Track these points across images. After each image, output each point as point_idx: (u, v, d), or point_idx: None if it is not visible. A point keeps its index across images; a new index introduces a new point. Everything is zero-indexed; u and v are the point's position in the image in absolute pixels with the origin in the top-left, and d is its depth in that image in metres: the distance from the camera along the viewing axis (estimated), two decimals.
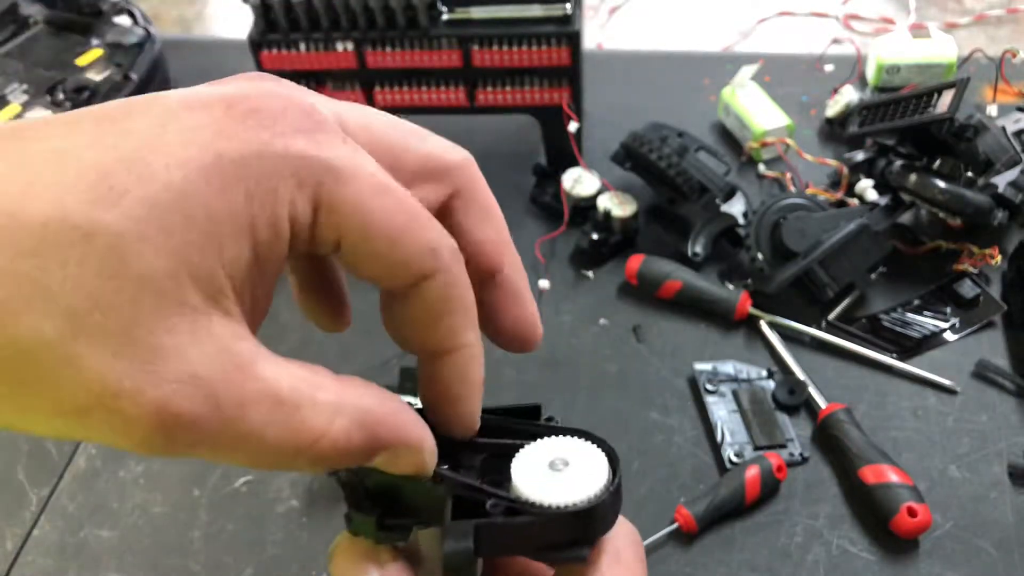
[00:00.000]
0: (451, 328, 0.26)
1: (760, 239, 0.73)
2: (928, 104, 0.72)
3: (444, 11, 0.77)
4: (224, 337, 0.21)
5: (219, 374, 0.21)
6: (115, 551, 0.63)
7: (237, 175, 0.21)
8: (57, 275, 0.19)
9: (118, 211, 0.19)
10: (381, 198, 0.24)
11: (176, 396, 0.20)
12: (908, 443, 0.65)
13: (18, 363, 0.19)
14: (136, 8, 0.95)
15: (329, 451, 0.23)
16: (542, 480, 0.25)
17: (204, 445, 0.21)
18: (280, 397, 0.22)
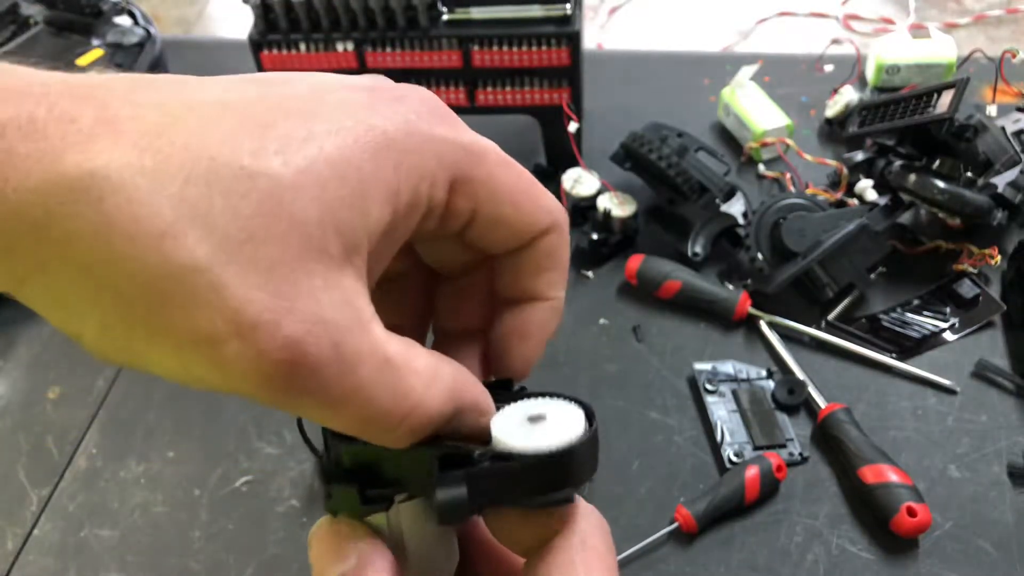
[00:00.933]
0: (551, 281, 0.29)
1: (760, 239, 0.73)
2: (928, 104, 0.72)
3: (444, 11, 0.77)
4: (352, 291, 0.22)
5: (345, 324, 0.22)
6: (115, 551, 0.63)
7: (388, 146, 0.23)
8: (219, 204, 0.20)
9: (281, 159, 0.21)
10: (506, 170, 0.26)
11: (308, 336, 0.21)
12: (908, 443, 0.65)
13: (167, 283, 0.19)
14: (136, 8, 0.95)
15: (424, 418, 0.24)
16: (522, 432, 0.26)
17: (317, 394, 0.22)
18: (389, 358, 0.23)
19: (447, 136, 0.25)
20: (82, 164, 0.19)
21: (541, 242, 0.28)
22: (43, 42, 0.91)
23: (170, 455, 0.69)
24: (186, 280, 0.19)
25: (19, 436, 0.71)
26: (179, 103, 0.22)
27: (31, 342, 0.77)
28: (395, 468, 0.26)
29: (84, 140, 0.20)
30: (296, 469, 0.67)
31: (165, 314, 0.20)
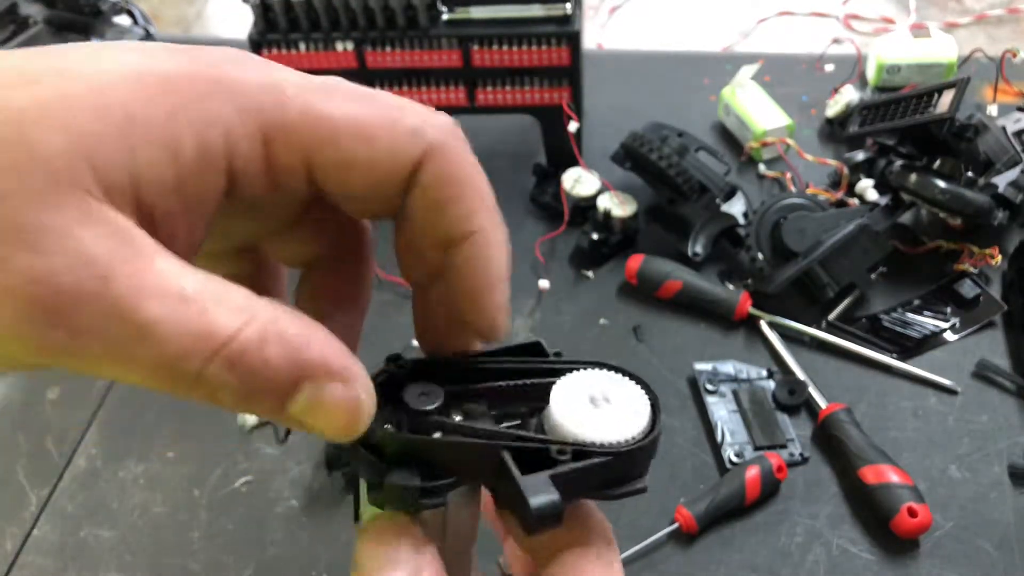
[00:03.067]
0: (459, 214, 0.24)
1: (760, 239, 0.73)
2: (928, 104, 0.71)
3: (444, 11, 0.77)
4: (121, 225, 0.20)
5: (114, 255, 0.19)
6: (115, 551, 0.63)
7: (163, 90, 0.20)
8: None
9: (26, 92, 0.19)
10: (338, 102, 0.23)
11: (58, 268, 0.18)
12: (908, 443, 0.65)
13: None
14: (136, 8, 0.95)
15: (239, 357, 0.20)
16: (591, 417, 0.25)
17: (95, 336, 0.19)
18: (185, 294, 0.20)
19: (242, 80, 0.22)
20: None
21: (420, 174, 0.23)
22: (42, 42, 0.91)
23: (169, 455, 0.68)
24: None
25: (18, 436, 0.71)
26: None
27: None
28: (454, 457, 0.25)
29: None
30: (295, 469, 0.66)
31: None
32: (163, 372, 0.20)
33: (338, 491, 0.65)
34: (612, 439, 0.24)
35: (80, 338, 0.19)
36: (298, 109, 0.22)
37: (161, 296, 0.19)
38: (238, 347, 0.20)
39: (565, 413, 0.25)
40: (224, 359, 0.20)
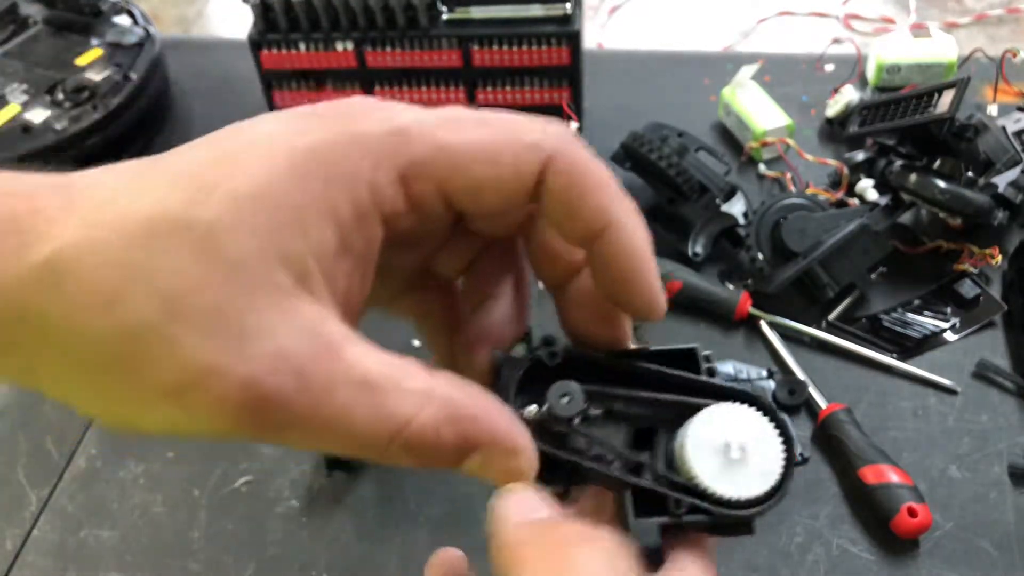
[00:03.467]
0: (591, 209, 0.26)
1: (760, 239, 0.73)
2: (928, 104, 0.71)
3: (444, 11, 0.77)
4: (313, 318, 0.22)
5: (307, 353, 0.21)
6: (115, 551, 0.63)
7: (316, 163, 0.22)
8: (160, 261, 0.20)
9: (210, 203, 0.21)
10: (457, 134, 0.24)
11: (264, 372, 0.21)
12: (908, 443, 0.65)
13: (125, 346, 0.20)
14: (136, 8, 0.95)
15: (417, 440, 0.23)
16: (721, 470, 0.25)
17: (294, 427, 0.21)
18: (368, 380, 0.22)
19: (372, 131, 0.24)
20: (43, 252, 0.20)
21: (548, 182, 0.25)
22: (42, 42, 0.91)
23: (169, 455, 0.68)
24: (140, 340, 0.20)
25: (18, 436, 0.71)
26: (130, 175, 0.22)
27: None
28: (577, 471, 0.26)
29: (46, 226, 0.21)
30: (296, 470, 0.66)
31: (132, 374, 0.21)
32: (352, 451, 0.23)
33: (338, 491, 0.65)
34: (736, 496, 0.25)
35: (282, 432, 0.22)
36: (425, 145, 0.24)
37: (347, 384, 0.22)
38: (416, 431, 0.22)
39: (697, 459, 0.25)
40: (403, 442, 0.23)
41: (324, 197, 0.22)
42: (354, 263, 0.24)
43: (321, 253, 0.22)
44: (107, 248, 0.20)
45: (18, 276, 0.20)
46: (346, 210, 0.23)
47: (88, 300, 0.20)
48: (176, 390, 0.20)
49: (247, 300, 0.21)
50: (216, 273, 0.21)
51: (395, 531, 0.62)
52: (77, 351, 0.20)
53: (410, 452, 0.23)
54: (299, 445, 0.22)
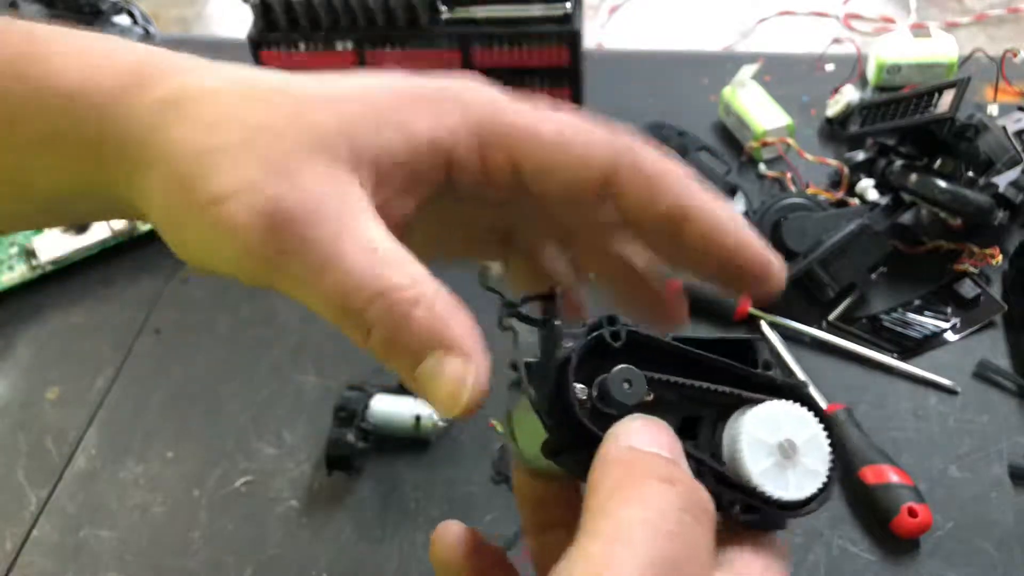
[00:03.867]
0: (672, 195, 0.28)
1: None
2: (929, 104, 0.71)
3: (444, 10, 0.77)
4: (353, 190, 0.26)
5: (333, 205, 0.25)
6: (114, 551, 0.63)
7: (413, 96, 0.28)
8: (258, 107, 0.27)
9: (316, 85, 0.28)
10: (544, 119, 0.28)
11: (290, 199, 0.25)
12: (908, 443, 0.65)
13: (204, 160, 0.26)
14: (136, 8, 0.95)
15: (396, 308, 0.25)
16: (772, 469, 0.25)
17: (300, 256, 0.25)
18: (376, 248, 0.25)
19: (476, 99, 0.28)
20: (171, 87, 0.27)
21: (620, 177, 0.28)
22: None
23: (169, 455, 0.68)
24: (216, 158, 0.25)
25: (18, 436, 0.71)
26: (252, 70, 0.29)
27: (30, 342, 0.77)
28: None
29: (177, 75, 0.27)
30: (296, 470, 0.66)
31: (195, 184, 0.26)
32: (336, 300, 0.25)
33: (338, 491, 0.65)
34: (786, 497, 0.25)
35: (287, 254, 0.25)
36: (510, 120, 0.28)
37: (354, 243, 0.25)
38: (395, 298, 0.25)
39: (751, 457, 0.25)
40: (382, 304, 0.25)
41: (408, 119, 0.27)
42: (405, 183, 0.27)
43: (385, 153, 0.27)
44: (219, 95, 0.27)
45: (153, 100, 0.27)
46: (422, 137, 0.27)
47: (196, 124, 0.26)
48: (219, 198, 0.25)
49: (309, 154, 0.26)
50: (294, 126, 0.26)
51: (395, 531, 0.62)
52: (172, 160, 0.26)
53: (385, 317, 0.25)
54: (295, 284, 0.25)
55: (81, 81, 0.28)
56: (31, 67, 0.28)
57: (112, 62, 0.28)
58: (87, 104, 0.27)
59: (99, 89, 0.27)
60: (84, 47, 0.29)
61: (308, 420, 0.69)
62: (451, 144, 0.27)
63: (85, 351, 0.76)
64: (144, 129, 0.27)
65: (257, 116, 0.26)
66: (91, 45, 0.29)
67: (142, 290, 0.80)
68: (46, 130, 0.28)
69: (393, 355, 0.26)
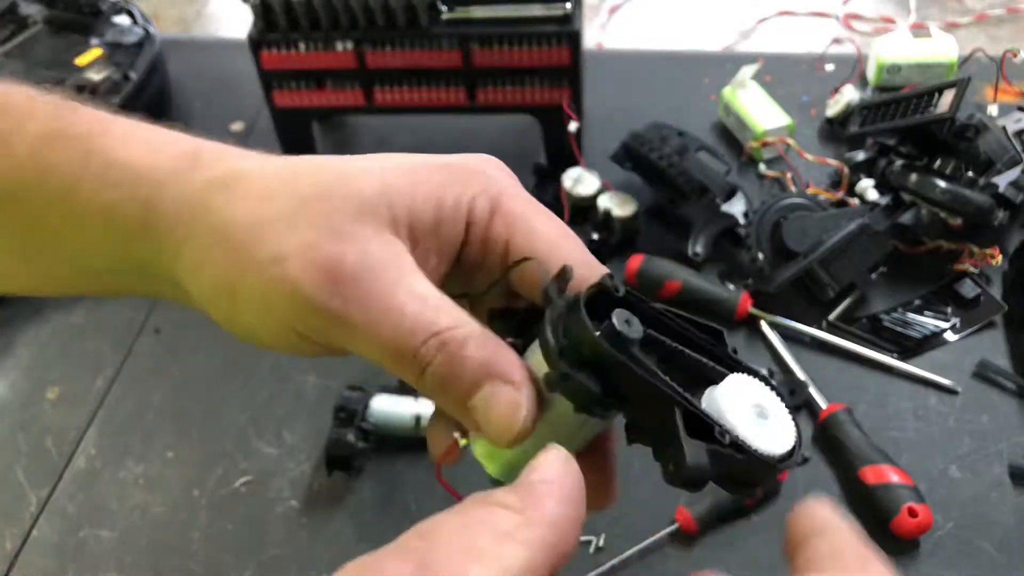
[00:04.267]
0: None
1: (761, 239, 0.73)
2: (929, 104, 0.71)
3: (444, 10, 0.77)
4: (398, 247, 0.29)
5: (385, 259, 0.29)
6: (114, 552, 0.63)
7: (443, 169, 0.31)
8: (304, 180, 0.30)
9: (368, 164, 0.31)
10: (542, 216, 0.32)
11: (348, 255, 0.28)
12: (909, 443, 0.65)
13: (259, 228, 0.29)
14: (135, 7, 0.95)
15: (445, 346, 0.28)
16: (753, 425, 0.28)
17: (358, 305, 0.28)
18: (425, 296, 0.28)
19: (496, 176, 0.32)
20: (223, 169, 0.30)
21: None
22: (42, 41, 0.91)
23: (169, 456, 0.68)
24: (273, 225, 0.28)
25: (18, 436, 0.70)
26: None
27: (30, 343, 0.77)
28: (630, 389, 0.27)
29: (231, 160, 0.31)
30: (296, 470, 0.66)
31: (251, 247, 0.28)
32: (394, 344, 0.28)
33: (338, 491, 0.65)
34: (766, 450, 0.27)
35: (349, 305, 0.28)
36: (517, 207, 0.32)
37: (409, 293, 0.28)
38: (447, 337, 0.28)
39: (735, 410, 0.28)
40: (436, 343, 0.28)
41: (438, 188, 0.30)
42: (438, 245, 0.31)
43: (418, 219, 0.30)
44: (266, 173, 0.30)
45: (202, 180, 0.30)
46: (448, 204, 0.30)
47: (247, 198, 0.29)
48: (279, 257, 0.28)
49: (356, 216, 0.29)
50: (340, 192, 0.29)
51: (395, 531, 0.62)
52: (220, 229, 0.29)
53: (439, 354, 0.28)
54: (355, 335, 0.28)
55: (142, 159, 0.30)
56: (96, 143, 0.31)
57: (172, 145, 0.31)
58: (147, 180, 0.30)
59: (158, 167, 0.30)
60: (149, 132, 0.32)
61: (308, 420, 0.69)
62: (469, 208, 0.31)
63: (85, 351, 0.76)
64: (197, 204, 0.29)
65: (305, 187, 0.29)
66: (155, 131, 0.32)
67: None
68: (104, 201, 0.30)
69: (449, 389, 0.28)
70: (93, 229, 0.31)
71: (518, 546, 0.23)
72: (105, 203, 0.30)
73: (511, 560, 0.23)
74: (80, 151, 0.31)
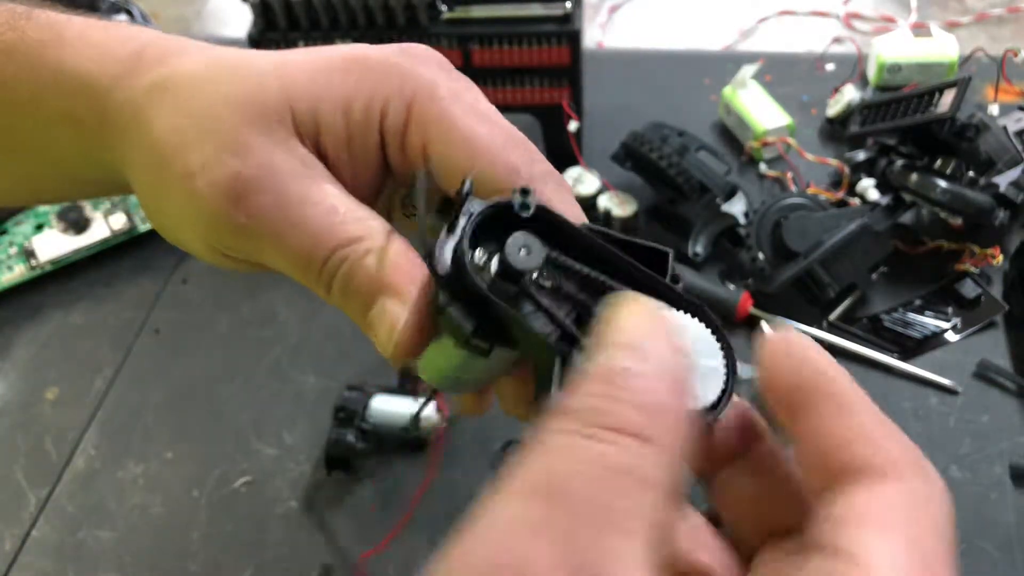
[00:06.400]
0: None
1: (761, 239, 0.73)
2: (929, 103, 0.71)
3: (444, 10, 0.77)
4: (306, 156, 0.29)
5: (290, 171, 0.28)
6: (114, 552, 0.63)
7: (357, 68, 0.30)
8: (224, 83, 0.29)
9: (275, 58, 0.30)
10: (469, 118, 0.30)
11: (250, 170, 0.28)
12: None
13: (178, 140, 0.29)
14: (135, 6, 0.95)
15: (346, 258, 0.28)
16: None
17: (263, 218, 0.28)
18: (335, 207, 0.28)
19: (414, 70, 0.30)
20: (162, 73, 0.30)
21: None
22: None
23: (169, 456, 0.68)
24: (185, 138, 0.29)
25: (17, 436, 0.70)
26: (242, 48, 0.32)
27: (29, 343, 0.77)
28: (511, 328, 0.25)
29: (172, 58, 0.31)
30: (296, 470, 0.66)
31: (170, 162, 0.29)
32: (301, 260, 0.28)
33: (338, 491, 0.65)
34: (698, 405, 0.24)
35: (254, 219, 0.28)
36: (433, 109, 0.30)
37: (316, 204, 0.28)
38: (349, 251, 0.28)
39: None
40: (339, 257, 0.28)
41: (348, 90, 0.29)
42: (352, 157, 0.30)
43: (325, 129, 0.29)
44: (194, 78, 0.30)
45: (142, 86, 0.30)
46: (358, 111, 0.29)
47: (172, 110, 0.29)
48: (189, 174, 0.28)
49: (260, 126, 0.28)
50: (244, 100, 0.28)
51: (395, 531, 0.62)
52: (151, 143, 0.29)
53: (342, 267, 0.28)
54: (263, 246, 0.28)
55: (91, 66, 0.31)
56: (50, 52, 0.32)
57: (120, 47, 0.32)
58: (96, 88, 0.31)
59: (104, 72, 0.31)
60: (100, 32, 0.32)
61: (308, 420, 0.69)
62: (382, 114, 0.30)
63: (84, 351, 0.76)
64: (136, 112, 0.30)
65: (218, 96, 0.29)
66: (105, 30, 0.33)
67: (142, 290, 0.80)
68: (65, 109, 0.32)
69: (348, 303, 0.28)
70: (61, 135, 0.32)
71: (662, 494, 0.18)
72: (65, 110, 0.32)
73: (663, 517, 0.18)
74: (35, 61, 0.32)
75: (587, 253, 0.26)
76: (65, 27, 0.32)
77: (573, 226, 0.26)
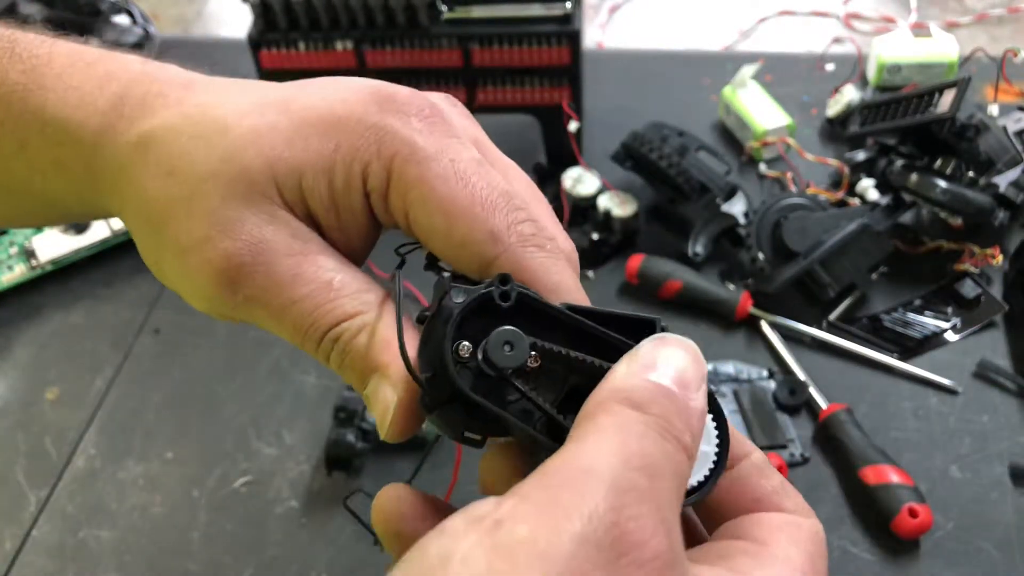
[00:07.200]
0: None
1: (761, 239, 0.73)
2: (929, 103, 0.71)
3: (444, 10, 0.77)
4: (298, 228, 0.29)
5: (283, 247, 0.28)
6: (114, 552, 0.63)
7: (334, 129, 0.29)
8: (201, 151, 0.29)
9: (246, 123, 0.29)
10: (447, 183, 0.28)
11: (241, 249, 0.28)
12: (909, 443, 0.65)
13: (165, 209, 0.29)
14: (135, 7, 0.95)
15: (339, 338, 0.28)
16: None
17: (258, 301, 0.28)
18: (331, 283, 0.28)
19: (392, 127, 0.29)
20: (145, 127, 0.30)
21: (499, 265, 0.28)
22: None
23: (169, 456, 0.68)
24: (175, 209, 0.28)
25: (17, 437, 0.70)
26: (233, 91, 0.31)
27: (29, 343, 0.77)
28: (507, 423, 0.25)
29: (160, 108, 0.30)
30: (295, 470, 0.66)
31: (162, 232, 0.29)
32: (299, 333, 0.28)
33: (338, 491, 0.65)
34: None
35: (251, 302, 0.28)
36: (414, 173, 0.28)
37: (309, 283, 0.28)
38: (342, 329, 0.28)
39: None
40: (333, 335, 0.28)
41: (328, 157, 0.28)
42: (339, 222, 0.29)
43: (310, 196, 0.29)
44: (179, 135, 0.29)
45: (127, 142, 0.30)
46: (340, 175, 0.29)
47: (157, 172, 0.29)
48: (183, 250, 0.28)
49: (245, 201, 0.28)
50: (228, 176, 0.28)
51: None
52: (142, 204, 0.29)
53: (336, 345, 0.28)
54: (265, 322, 0.28)
55: (74, 116, 0.31)
56: (34, 97, 0.31)
57: (100, 94, 0.31)
58: (81, 139, 0.31)
59: (88, 124, 0.31)
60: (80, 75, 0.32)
61: (308, 420, 0.69)
62: (364, 179, 0.29)
63: (84, 351, 0.76)
64: (123, 166, 0.30)
65: (201, 163, 0.28)
66: (85, 72, 0.32)
67: (142, 290, 0.80)
68: (53, 157, 0.31)
69: (347, 377, 0.29)
70: (53, 180, 0.32)
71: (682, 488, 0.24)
72: (54, 158, 0.31)
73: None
74: (19, 107, 0.31)
75: (572, 334, 0.27)
76: (47, 67, 0.32)
77: (555, 310, 0.27)
